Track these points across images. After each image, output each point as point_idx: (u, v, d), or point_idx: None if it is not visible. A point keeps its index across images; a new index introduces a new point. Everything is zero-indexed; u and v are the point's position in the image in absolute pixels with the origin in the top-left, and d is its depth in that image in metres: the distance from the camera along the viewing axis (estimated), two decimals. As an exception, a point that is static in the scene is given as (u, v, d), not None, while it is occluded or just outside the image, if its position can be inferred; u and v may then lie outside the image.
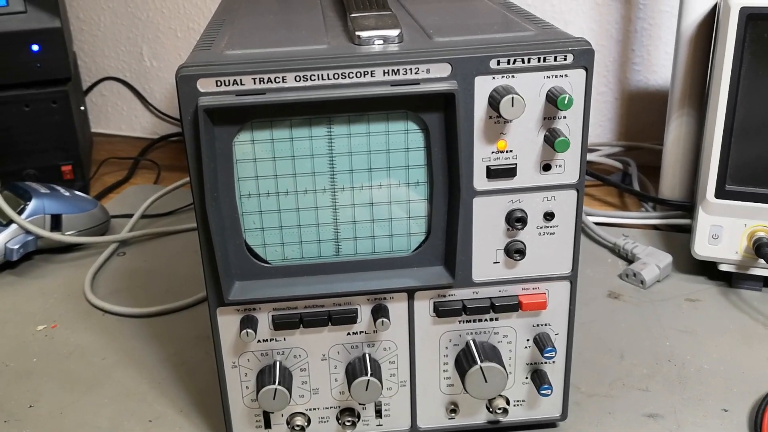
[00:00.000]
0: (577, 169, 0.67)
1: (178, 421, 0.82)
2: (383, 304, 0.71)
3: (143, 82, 1.69)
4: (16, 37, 1.29)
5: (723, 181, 0.97)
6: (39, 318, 1.02)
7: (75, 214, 1.18)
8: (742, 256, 0.99)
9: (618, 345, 0.91)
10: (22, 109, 1.32)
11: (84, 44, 1.68)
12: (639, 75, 1.43)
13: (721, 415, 0.80)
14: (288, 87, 0.62)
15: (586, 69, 0.63)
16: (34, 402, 0.86)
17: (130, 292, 1.07)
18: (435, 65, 0.62)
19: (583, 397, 0.83)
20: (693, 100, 1.14)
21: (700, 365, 0.87)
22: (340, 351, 0.73)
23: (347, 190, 0.67)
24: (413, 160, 0.66)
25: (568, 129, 0.65)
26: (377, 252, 0.70)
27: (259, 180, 0.66)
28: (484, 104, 0.64)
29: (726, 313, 0.97)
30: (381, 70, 0.62)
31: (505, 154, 0.66)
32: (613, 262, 1.10)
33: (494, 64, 0.62)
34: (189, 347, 0.94)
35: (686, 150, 1.17)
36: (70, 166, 1.37)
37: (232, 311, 0.70)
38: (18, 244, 1.11)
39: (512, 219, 0.68)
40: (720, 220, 0.98)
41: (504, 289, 0.72)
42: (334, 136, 0.65)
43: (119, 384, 0.88)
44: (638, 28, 1.39)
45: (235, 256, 0.68)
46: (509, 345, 0.74)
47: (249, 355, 0.72)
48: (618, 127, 1.48)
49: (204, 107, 0.61)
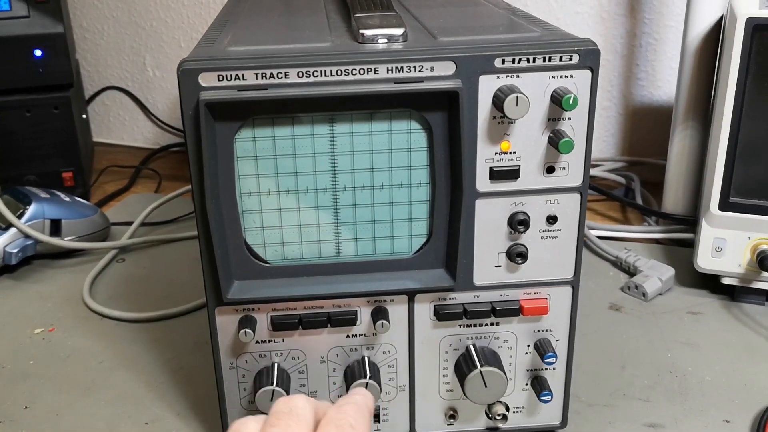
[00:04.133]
0: (580, 172, 0.67)
1: (175, 424, 0.81)
2: (383, 306, 0.71)
3: (146, 92, 1.69)
4: (19, 41, 1.29)
5: (727, 194, 0.96)
6: (37, 321, 1.01)
7: (75, 220, 1.17)
8: (745, 270, 0.98)
9: (619, 356, 0.91)
10: (24, 114, 1.32)
11: (87, 53, 1.68)
12: (643, 90, 1.42)
13: (722, 426, 0.79)
14: (290, 83, 0.61)
15: (591, 70, 0.63)
16: (30, 403, 0.85)
17: (129, 298, 1.06)
18: (439, 63, 0.62)
19: (583, 406, 0.82)
20: (697, 113, 1.14)
21: (702, 377, 0.87)
22: (339, 353, 0.72)
23: (348, 190, 0.67)
24: (416, 160, 0.66)
25: (573, 130, 0.65)
26: (378, 253, 0.69)
27: (260, 178, 0.66)
28: (488, 104, 0.63)
29: (728, 327, 0.96)
30: (384, 67, 0.61)
31: (509, 156, 0.66)
32: (615, 275, 1.09)
33: (499, 63, 0.62)
34: (187, 352, 0.93)
35: (690, 164, 1.17)
36: (71, 172, 1.37)
37: (231, 311, 0.70)
38: (17, 248, 1.10)
39: (515, 222, 0.67)
40: (723, 233, 0.98)
41: (505, 293, 0.71)
42: (336, 135, 0.65)
43: (116, 387, 0.88)
44: (643, 43, 1.39)
45: (235, 255, 0.68)
46: (510, 350, 0.73)
47: (247, 356, 0.72)
48: (621, 142, 1.47)
49: (205, 101, 0.60)
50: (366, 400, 0.58)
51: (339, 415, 0.55)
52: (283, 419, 0.53)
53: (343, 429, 0.53)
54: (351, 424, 0.54)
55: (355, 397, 0.58)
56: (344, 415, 0.55)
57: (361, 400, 0.58)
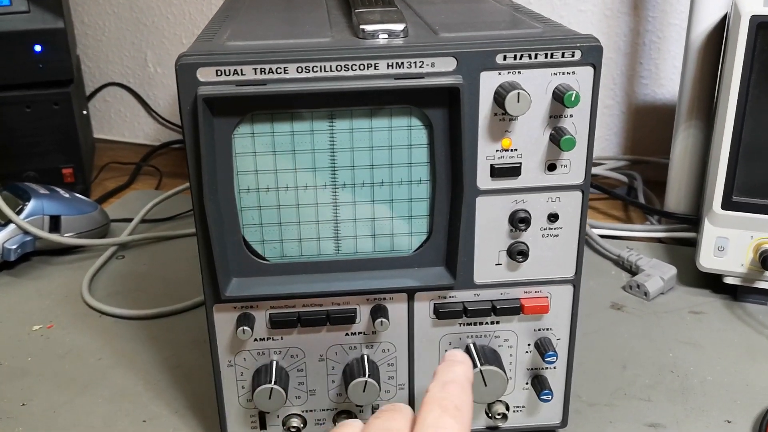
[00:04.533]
0: (582, 169, 0.66)
1: (172, 422, 0.81)
2: (383, 304, 0.70)
3: (147, 88, 1.69)
4: (19, 37, 1.28)
5: (730, 192, 0.96)
6: (35, 318, 1.01)
7: (74, 216, 1.17)
8: (747, 269, 0.97)
9: (620, 355, 0.90)
10: (24, 110, 1.31)
11: (88, 49, 1.68)
12: (646, 89, 1.42)
13: (724, 426, 0.78)
14: (289, 78, 0.61)
15: (594, 66, 0.62)
16: (28, 400, 0.85)
17: (128, 295, 1.06)
18: (440, 59, 0.61)
19: (584, 406, 0.81)
20: (701, 111, 1.13)
21: (704, 377, 0.86)
22: (338, 352, 0.72)
23: (348, 186, 0.66)
24: (416, 157, 0.65)
25: (575, 128, 0.64)
26: (378, 251, 0.69)
27: (259, 174, 0.65)
28: (489, 100, 0.63)
29: (730, 326, 0.96)
30: (385, 62, 0.61)
31: (510, 153, 0.65)
32: (616, 274, 1.09)
33: (500, 59, 0.61)
34: (186, 350, 0.93)
35: (693, 163, 1.16)
36: (71, 169, 1.36)
37: (229, 308, 0.69)
38: (16, 245, 1.10)
39: (516, 219, 0.67)
40: (726, 232, 0.97)
41: (506, 291, 0.70)
42: (336, 131, 0.64)
43: (114, 385, 0.87)
44: (647, 41, 1.38)
45: (233, 252, 0.67)
46: (510, 349, 0.73)
47: (245, 354, 0.71)
48: (624, 140, 1.47)
49: (203, 96, 0.60)
50: (467, 372, 0.56)
51: (443, 395, 0.52)
52: (387, 412, 0.53)
53: (448, 411, 0.51)
54: (456, 406, 0.52)
55: (456, 371, 0.55)
56: (448, 394, 0.52)
57: (462, 374, 0.55)
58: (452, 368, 0.56)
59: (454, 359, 0.57)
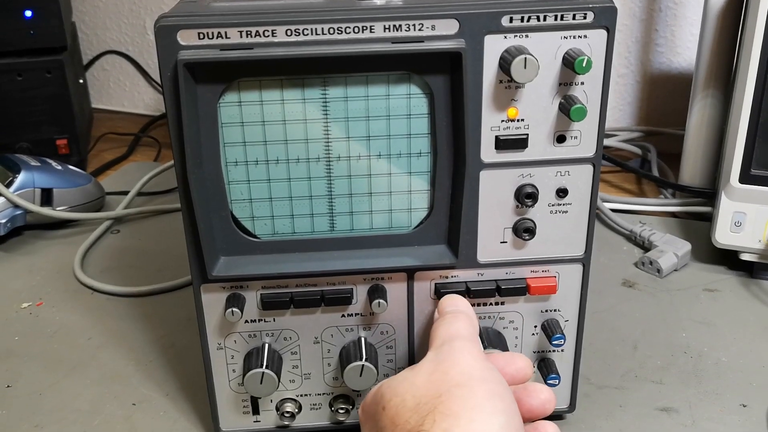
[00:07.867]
0: (594, 141, 0.63)
1: (162, 405, 0.79)
2: (380, 284, 0.67)
3: (146, 56, 1.65)
4: (8, 2, 1.25)
5: (748, 166, 0.93)
6: (24, 295, 0.98)
7: (67, 189, 1.14)
8: (765, 245, 0.95)
9: (631, 335, 0.88)
10: (15, 78, 1.27)
11: (85, 15, 1.64)
12: (662, 57, 1.38)
13: (739, 411, 0.76)
14: (278, 42, 0.57)
15: (607, 29, 0.59)
16: (13, 382, 0.82)
17: (122, 271, 1.03)
18: (441, 21, 0.58)
19: (593, 389, 0.79)
20: (718, 81, 1.10)
21: (718, 358, 0.84)
22: (333, 334, 0.69)
23: (343, 159, 0.63)
24: (415, 127, 0.63)
25: (586, 96, 0.61)
26: (375, 228, 0.66)
27: (247, 146, 0.62)
28: (494, 66, 0.60)
29: (746, 305, 0.94)
30: (381, 25, 0.58)
31: (516, 123, 0.62)
32: (629, 250, 1.06)
33: (506, 22, 0.58)
34: (179, 329, 0.90)
35: (709, 134, 1.13)
36: (65, 140, 1.33)
37: (218, 288, 0.67)
38: (5, 218, 1.07)
39: (522, 195, 0.64)
40: (743, 207, 0.95)
41: (511, 271, 0.68)
42: (329, 100, 0.61)
43: (104, 366, 0.85)
44: (663, 6, 1.35)
45: (221, 229, 0.64)
46: (515, 331, 0.71)
47: (236, 337, 0.69)
48: (638, 111, 1.44)
49: (184, 61, 0.56)
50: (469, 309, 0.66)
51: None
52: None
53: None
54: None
55: (458, 303, 0.65)
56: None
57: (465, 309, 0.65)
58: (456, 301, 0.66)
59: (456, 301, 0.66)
